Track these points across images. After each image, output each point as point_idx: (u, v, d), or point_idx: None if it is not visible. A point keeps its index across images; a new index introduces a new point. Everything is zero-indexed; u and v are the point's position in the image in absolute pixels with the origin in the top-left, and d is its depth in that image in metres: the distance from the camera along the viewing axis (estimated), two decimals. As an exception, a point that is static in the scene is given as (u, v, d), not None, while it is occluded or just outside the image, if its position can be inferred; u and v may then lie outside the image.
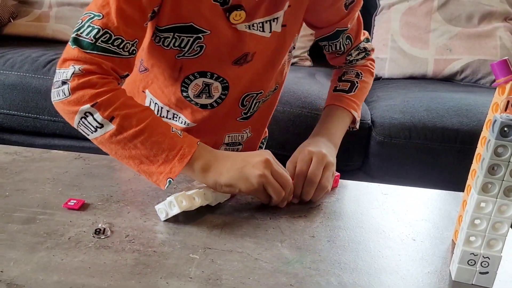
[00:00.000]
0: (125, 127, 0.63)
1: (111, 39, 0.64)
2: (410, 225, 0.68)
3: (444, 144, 1.27)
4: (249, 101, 0.83)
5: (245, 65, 0.78)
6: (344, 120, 0.85)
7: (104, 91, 0.63)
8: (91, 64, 0.64)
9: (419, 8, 1.72)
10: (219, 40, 0.73)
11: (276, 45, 0.79)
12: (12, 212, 0.63)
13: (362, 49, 0.90)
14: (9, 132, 1.45)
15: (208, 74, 0.77)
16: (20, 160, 0.79)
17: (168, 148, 0.63)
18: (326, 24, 0.84)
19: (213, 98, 0.80)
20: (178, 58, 0.74)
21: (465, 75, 1.67)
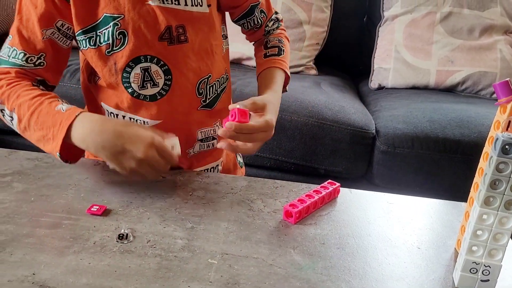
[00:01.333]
0: (21, 115, 0.74)
1: (17, 54, 0.77)
2: (415, 234, 0.71)
3: (445, 154, 1.31)
4: (204, 88, 0.86)
5: (178, 45, 0.80)
6: (282, 78, 0.92)
7: (7, 88, 0.75)
8: (3, 74, 0.78)
9: (422, 20, 1.76)
10: (137, 20, 0.77)
11: (206, 26, 0.84)
12: (39, 217, 0.66)
13: (275, 19, 0.98)
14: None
15: (141, 58, 0.79)
16: (42, 166, 0.82)
17: (52, 125, 0.72)
18: (240, 1, 0.91)
19: (158, 86, 0.81)
20: (109, 54, 0.78)
21: (466, 86, 1.71)
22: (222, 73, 0.90)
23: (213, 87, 0.88)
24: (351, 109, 1.41)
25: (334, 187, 0.79)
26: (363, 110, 1.50)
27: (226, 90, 0.92)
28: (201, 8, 0.82)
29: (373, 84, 1.81)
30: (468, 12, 1.75)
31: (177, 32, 0.80)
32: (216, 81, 0.88)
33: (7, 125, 1.48)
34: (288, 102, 1.36)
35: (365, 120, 1.39)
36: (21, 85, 0.76)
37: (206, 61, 0.85)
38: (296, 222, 0.71)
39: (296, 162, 1.37)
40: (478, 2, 1.76)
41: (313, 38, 1.82)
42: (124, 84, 0.80)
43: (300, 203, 0.72)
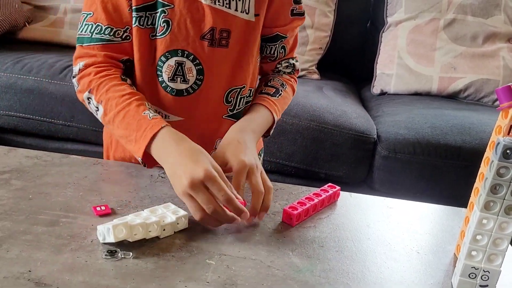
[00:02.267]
0: (108, 109, 0.74)
1: (102, 29, 0.76)
2: (415, 239, 0.71)
3: (446, 160, 1.30)
4: (234, 97, 0.85)
5: (218, 49, 0.80)
6: (266, 119, 0.85)
7: (96, 78, 0.76)
8: (89, 57, 0.77)
9: (425, 26, 1.76)
10: (184, 14, 0.76)
11: (250, 35, 0.82)
12: (37, 215, 0.66)
13: (292, 65, 0.94)
14: (24, 135, 1.49)
15: (179, 52, 0.79)
16: (41, 164, 0.82)
17: (136, 129, 0.71)
18: (270, 24, 0.86)
19: (188, 83, 0.81)
20: (152, 39, 0.78)
21: (468, 93, 1.71)
22: (253, 86, 0.89)
23: (244, 99, 0.87)
24: (353, 113, 1.41)
25: (334, 190, 0.79)
26: (365, 115, 1.50)
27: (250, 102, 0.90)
28: (247, 16, 0.80)
29: (375, 89, 1.81)
30: (471, 19, 1.75)
31: (220, 35, 0.79)
32: (245, 95, 0.87)
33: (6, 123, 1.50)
34: (289, 106, 1.34)
35: (366, 125, 1.39)
36: (111, 78, 0.76)
37: (242, 71, 0.84)
38: (295, 225, 0.70)
39: (296, 165, 1.37)
40: (482, 9, 1.76)
41: (316, 43, 1.82)
42: (157, 71, 0.80)
43: (300, 205, 0.72)
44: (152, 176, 0.81)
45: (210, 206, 0.63)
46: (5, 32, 1.74)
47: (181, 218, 0.65)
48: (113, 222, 0.60)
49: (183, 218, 0.65)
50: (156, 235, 0.63)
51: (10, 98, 1.44)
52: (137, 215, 0.64)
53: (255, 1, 0.80)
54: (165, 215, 0.65)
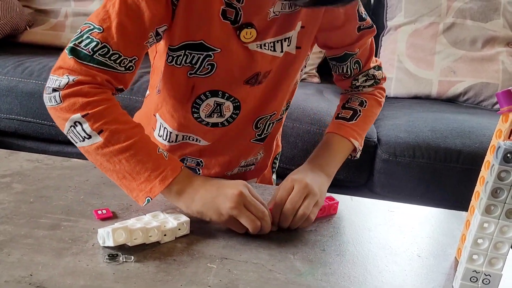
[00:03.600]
0: (112, 142, 0.64)
1: (108, 53, 0.65)
2: (416, 242, 0.71)
3: (446, 164, 1.30)
4: (263, 123, 0.84)
5: (257, 86, 0.78)
6: (342, 149, 0.82)
7: (95, 102, 0.64)
8: (85, 75, 0.65)
9: (425, 30, 1.77)
10: (230, 58, 0.73)
11: (289, 66, 0.79)
12: (38, 218, 0.66)
13: (371, 76, 0.87)
14: (24, 138, 1.49)
15: (219, 93, 0.76)
16: (42, 167, 0.82)
17: (152, 168, 0.65)
18: (336, 45, 0.83)
19: (224, 117, 0.80)
20: (190, 77, 0.74)
21: (468, 97, 1.71)
22: (284, 107, 0.87)
23: (273, 124, 0.86)
24: (353, 117, 1.41)
25: (330, 203, 0.76)
26: (365, 118, 1.50)
27: (280, 121, 0.89)
28: (288, 47, 0.76)
29: (375, 93, 1.81)
30: (471, 23, 1.76)
31: (263, 77, 0.77)
32: (279, 116, 0.86)
33: (7, 127, 1.49)
34: (290, 110, 1.35)
35: (366, 128, 1.39)
36: (115, 105, 0.67)
37: (276, 100, 0.82)
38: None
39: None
40: (481, 13, 1.77)
41: (316, 46, 1.82)
42: (192, 108, 0.78)
43: None
44: (153, 180, 0.81)
45: (253, 224, 0.65)
46: (6, 35, 1.74)
47: (182, 224, 0.65)
48: (113, 226, 0.60)
49: (184, 224, 0.65)
50: (157, 240, 0.63)
51: (11, 101, 1.44)
52: (139, 219, 0.64)
53: (298, 34, 0.76)
54: (167, 220, 0.65)
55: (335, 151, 0.82)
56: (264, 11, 0.71)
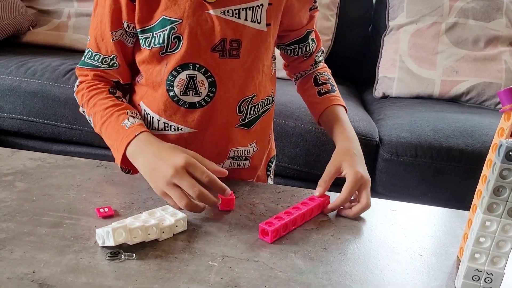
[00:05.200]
0: (96, 122, 0.80)
1: (92, 55, 0.82)
2: (417, 241, 0.71)
3: (449, 163, 1.30)
4: (245, 106, 0.85)
5: (229, 59, 0.79)
6: (347, 117, 0.91)
7: (86, 94, 0.82)
8: (82, 76, 0.84)
9: (427, 30, 1.77)
10: (194, 27, 0.76)
11: (261, 44, 0.82)
12: (40, 216, 0.66)
13: (322, 51, 0.98)
14: (27, 137, 1.49)
15: (190, 66, 0.78)
16: (44, 166, 0.82)
17: (116, 138, 0.77)
18: (298, 26, 0.90)
19: (200, 95, 0.81)
20: (163, 56, 0.79)
21: (470, 97, 1.71)
22: (268, 95, 0.89)
23: (256, 108, 0.86)
24: (355, 116, 1.42)
25: (322, 200, 0.76)
26: (367, 118, 1.50)
27: (268, 112, 0.91)
28: (259, 25, 0.80)
29: (377, 93, 1.81)
30: (473, 23, 1.76)
31: (230, 46, 0.79)
32: (260, 102, 0.87)
33: (10, 126, 1.51)
34: (291, 109, 1.36)
35: (368, 128, 1.39)
36: (99, 92, 0.81)
37: (254, 80, 0.84)
38: (273, 241, 0.66)
39: (299, 168, 1.37)
40: (483, 13, 1.77)
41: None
42: (167, 86, 0.80)
43: (278, 220, 0.68)
44: (155, 178, 0.81)
45: (195, 189, 0.66)
46: (10, 35, 1.75)
47: (179, 221, 0.65)
48: (112, 226, 0.60)
49: (181, 221, 0.66)
50: (156, 237, 0.63)
51: (14, 101, 1.45)
52: (136, 218, 0.64)
53: (267, 11, 0.80)
54: (164, 218, 0.65)
55: (348, 121, 0.89)
56: None
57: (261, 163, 0.95)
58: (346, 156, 0.80)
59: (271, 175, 1.02)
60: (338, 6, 1.88)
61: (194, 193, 0.66)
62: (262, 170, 0.98)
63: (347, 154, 0.81)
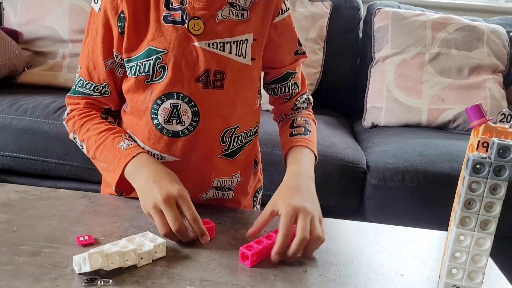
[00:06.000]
0: (89, 147, 0.83)
1: (84, 84, 0.84)
2: (399, 262, 0.70)
3: (436, 187, 1.30)
4: (228, 137, 0.86)
5: (213, 90, 0.81)
6: (311, 159, 0.87)
7: (78, 121, 0.84)
8: (73, 105, 0.87)
9: (411, 60, 1.81)
10: (178, 57, 0.78)
11: (246, 77, 0.84)
12: (19, 245, 0.66)
13: (306, 99, 0.96)
14: (18, 174, 1.50)
15: (174, 95, 0.80)
16: (28, 198, 0.82)
17: (112, 160, 0.79)
18: (279, 64, 0.90)
19: (184, 124, 0.82)
20: (148, 84, 0.81)
21: (457, 124, 1.73)
22: (251, 126, 0.90)
23: (239, 138, 0.87)
24: (342, 144, 1.43)
25: None
26: (355, 146, 1.51)
27: (251, 143, 0.91)
28: (244, 59, 0.82)
29: (366, 122, 1.84)
30: (456, 53, 1.80)
31: (214, 77, 0.81)
32: (243, 133, 0.88)
33: (1, 164, 1.50)
34: (277, 138, 1.37)
35: (355, 155, 1.40)
36: (91, 118, 0.84)
37: (237, 111, 0.85)
38: (252, 265, 0.65)
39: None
40: (465, 43, 1.81)
41: (307, 79, 1.85)
42: (151, 114, 0.82)
43: (258, 244, 0.67)
44: (138, 207, 0.81)
45: (176, 223, 0.68)
46: (5, 76, 1.78)
47: (159, 246, 0.65)
48: (89, 251, 0.60)
49: (161, 246, 0.65)
50: (134, 263, 0.62)
51: (5, 138, 1.46)
52: (115, 244, 0.64)
53: (252, 46, 0.82)
54: (143, 243, 0.65)
55: (309, 162, 0.85)
56: (210, 10, 0.79)
57: (246, 195, 0.95)
58: (283, 193, 0.76)
59: (257, 205, 1.01)
60: (325, 40, 1.93)
61: (174, 226, 0.68)
62: (249, 201, 0.97)
63: (284, 191, 0.77)
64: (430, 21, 1.85)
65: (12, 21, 1.95)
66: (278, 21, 0.86)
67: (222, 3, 0.80)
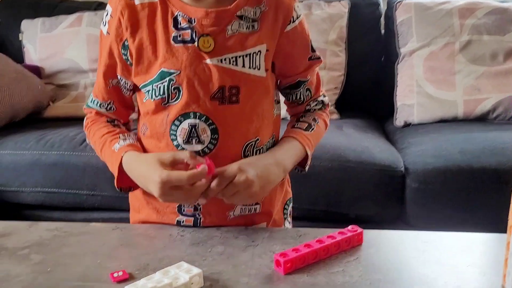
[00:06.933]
0: (97, 150, 0.88)
1: (92, 100, 0.89)
2: (455, 273, 0.65)
3: (483, 185, 1.23)
4: (250, 151, 0.84)
5: (229, 105, 0.79)
6: (296, 152, 0.86)
7: (88, 125, 0.90)
8: (88, 113, 0.92)
9: (440, 52, 1.73)
10: (191, 77, 0.78)
11: (261, 88, 0.82)
12: (55, 287, 0.64)
13: (321, 101, 0.94)
14: (50, 209, 1.51)
15: (191, 115, 0.79)
16: (60, 235, 0.81)
17: (111, 163, 0.83)
18: (290, 73, 0.88)
19: (204, 143, 0.80)
20: (165, 106, 0.80)
21: (497, 113, 1.64)
22: (269, 137, 0.88)
23: (260, 151, 0.85)
24: (376, 148, 1.37)
25: (354, 233, 0.72)
26: (389, 148, 1.45)
27: None
28: (259, 71, 0.81)
29: (398, 122, 1.77)
30: (488, 38, 1.72)
31: (229, 93, 0.79)
32: (264, 145, 0.86)
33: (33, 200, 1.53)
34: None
35: (392, 158, 1.34)
36: (98, 123, 0.88)
37: (255, 124, 0.83)
38: (286, 273, 0.65)
39: (324, 209, 1.32)
40: (497, 27, 1.73)
41: (330, 83, 1.82)
42: (171, 136, 0.81)
43: (295, 252, 0.66)
44: (170, 235, 0.79)
45: (187, 201, 0.79)
46: (30, 112, 1.81)
47: (195, 277, 0.62)
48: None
49: (197, 277, 0.62)
50: None
51: (36, 174, 1.47)
52: (149, 278, 0.61)
53: (265, 57, 0.80)
54: (178, 276, 0.62)
55: (291, 152, 0.86)
56: (220, 26, 0.78)
57: (274, 207, 0.92)
58: (245, 161, 0.81)
59: (288, 218, 0.98)
60: (346, 41, 1.88)
61: (189, 200, 0.77)
62: (279, 214, 0.94)
63: (248, 160, 0.81)
64: (456, 8, 1.77)
65: (33, 58, 1.99)
66: (289, 30, 0.83)
67: (231, 18, 0.78)
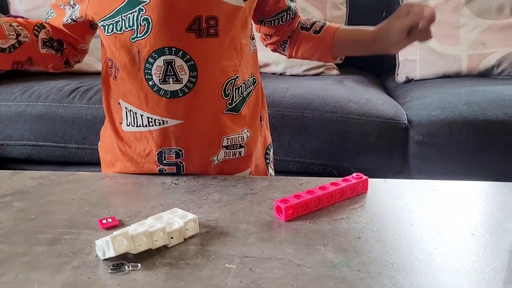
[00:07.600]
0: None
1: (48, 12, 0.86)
2: (466, 219, 0.61)
3: (489, 137, 1.19)
4: (230, 89, 0.78)
5: (208, 39, 0.73)
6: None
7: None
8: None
9: (445, 5, 1.67)
10: (164, 6, 0.70)
11: (239, 19, 0.76)
12: (37, 234, 0.60)
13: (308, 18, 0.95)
14: (37, 163, 1.46)
15: (166, 50, 0.72)
16: (46, 184, 0.76)
17: None
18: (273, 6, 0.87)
19: (182, 82, 0.74)
20: (134, 41, 0.73)
21: (502, 68, 1.59)
22: (248, 75, 0.83)
23: (239, 90, 0.80)
24: (378, 100, 1.32)
25: (359, 180, 0.68)
26: (392, 101, 1.40)
27: (252, 95, 0.84)
28: (236, 1, 0.74)
29: (400, 77, 1.72)
30: (495, -10, 1.66)
31: (207, 24, 0.72)
32: (242, 84, 0.80)
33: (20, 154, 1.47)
34: (309, 100, 1.28)
35: (394, 110, 1.29)
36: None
37: (234, 60, 0.77)
38: (287, 220, 0.61)
39: (324, 163, 1.28)
40: (504, -22, 1.66)
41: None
42: (145, 75, 0.74)
43: (296, 198, 0.63)
44: (164, 184, 0.75)
45: None
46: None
47: (190, 223, 0.58)
48: (112, 234, 0.53)
49: (192, 222, 0.58)
50: (163, 244, 0.55)
51: (21, 126, 1.42)
52: (141, 224, 0.57)
53: None
54: (172, 221, 0.58)
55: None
56: None
57: (256, 148, 0.87)
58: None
59: (270, 164, 0.94)
60: (347, -6, 1.80)
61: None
62: (260, 159, 0.90)
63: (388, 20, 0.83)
64: (461, -43, 1.70)
65: (18, 9, 1.91)
66: None
67: None
